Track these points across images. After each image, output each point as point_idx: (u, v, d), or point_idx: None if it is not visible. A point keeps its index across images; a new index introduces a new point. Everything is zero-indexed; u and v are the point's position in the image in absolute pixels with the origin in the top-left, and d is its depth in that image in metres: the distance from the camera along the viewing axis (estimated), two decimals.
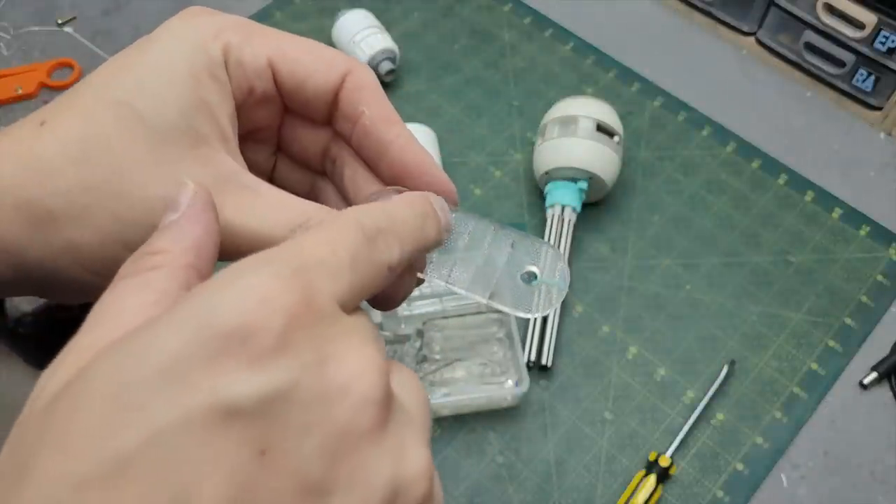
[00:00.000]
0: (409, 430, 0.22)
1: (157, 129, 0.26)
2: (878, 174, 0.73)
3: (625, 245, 0.69)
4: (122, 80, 0.26)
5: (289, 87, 0.29)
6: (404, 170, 0.29)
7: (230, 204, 0.26)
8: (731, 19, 0.79)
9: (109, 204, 0.25)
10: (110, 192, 0.25)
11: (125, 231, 0.26)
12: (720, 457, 0.59)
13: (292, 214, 0.26)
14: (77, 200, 0.25)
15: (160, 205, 0.25)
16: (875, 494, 0.58)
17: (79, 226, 0.26)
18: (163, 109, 0.26)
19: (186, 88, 0.26)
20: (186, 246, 0.23)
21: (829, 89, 0.76)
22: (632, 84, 0.78)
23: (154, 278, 0.22)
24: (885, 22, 0.68)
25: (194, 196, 0.24)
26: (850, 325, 0.65)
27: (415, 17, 0.83)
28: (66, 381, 0.20)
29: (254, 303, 0.19)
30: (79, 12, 0.83)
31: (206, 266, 0.23)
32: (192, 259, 0.23)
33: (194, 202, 0.23)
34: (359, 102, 0.29)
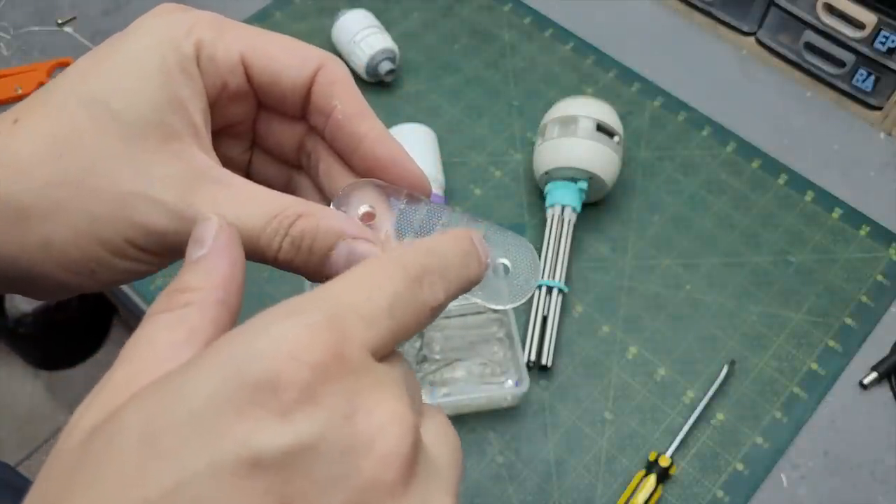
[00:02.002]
0: (436, 483, 0.21)
1: (129, 125, 0.26)
2: (878, 174, 0.73)
3: (625, 245, 0.69)
4: (94, 76, 0.27)
5: (262, 82, 0.29)
6: (377, 163, 0.29)
7: (204, 199, 0.26)
8: (731, 19, 0.79)
9: (82, 200, 0.26)
10: (83, 188, 0.26)
11: (99, 227, 0.26)
12: (720, 457, 0.59)
13: (268, 208, 0.26)
14: (50, 196, 0.25)
15: (132, 200, 0.25)
16: (875, 494, 0.58)
17: (53, 222, 0.26)
18: (134, 105, 0.26)
19: (158, 84, 0.26)
20: (216, 283, 0.23)
21: (829, 89, 0.76)
22: (632, 84, 0.78)
23: (186, 316, 0.22)
24: (885, 22, 0.68)
25: (219, 231, 0.24)
26: (850, 325, 0.64)
27: (415, 17, 0.83)
28: (101, 419, 0.20)
29: (283, 354, 0.19)
30: (79, 12, 0.83)
31: (235, 300, 0.24)
32: (222, 295, 0.23)
33: (219, 237, 0.24)
34: (331, 96, 0.29)
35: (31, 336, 1.36)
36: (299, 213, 0.26)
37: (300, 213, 0.26)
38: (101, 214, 0.26)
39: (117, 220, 0.25)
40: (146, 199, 0.25)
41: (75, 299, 1.37)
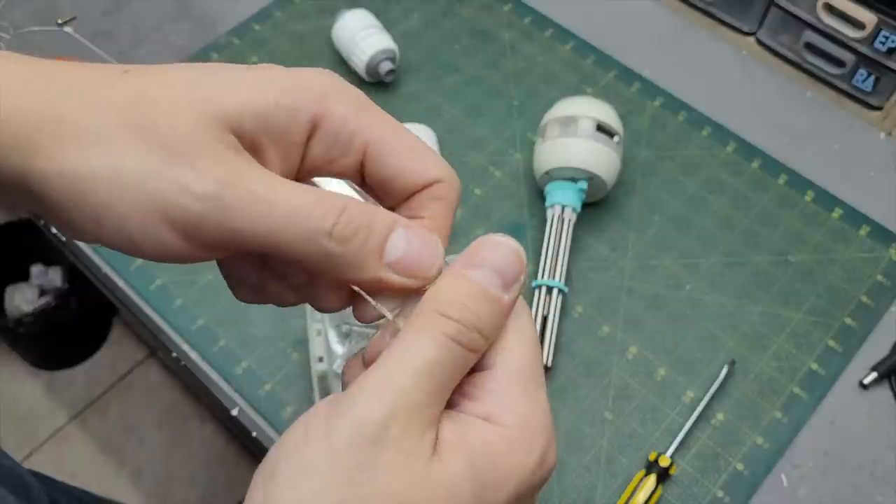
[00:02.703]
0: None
1: (212, 125, 0.25)
2: (878, 174, 0.73)
3: (625, 245, 0.69)
4: (213, 81, 0.27)
5: (374, 171, 0.29)
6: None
7: (248, 183, 0.25)
8: (731, 19, 0.79)
9: (140, 154, 0.25)
10: (142, 144, 0.25)
11: (147, 189, 0.25)
12: (720, 457, 0.59)
13: (319, 195, 0.26)
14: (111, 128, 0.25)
15: (178, 170, 0.25)
16: (875, 494, 0.58)
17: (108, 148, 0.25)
18: (232, 121, 0.26)
19: (250, 115, 0.26)
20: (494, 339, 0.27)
21: (829, 89, 0.76)
22: (632, 84, 0.78)
23: (468, 361, 0.26)
24: (885, 22, 0.68)
25: (520, 284, 0.27)
26: (850, 325, 0.65)
27: (415, 17, 0.83)
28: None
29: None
30: (79, 12, 0.83)
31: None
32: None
33: (516, 288, 0.27)
34: (427, 209, 0.29)
35: (31, 336, 1.36)
36: (351, 200, 0.26)
37: (352, 200, 0.26)
38: (146, 169, 0.25)
39: (156, 179, 0.25)
40: (191, 165, 0.25)
41: (75, 299, 1.37)
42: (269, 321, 0.66)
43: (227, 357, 0.65)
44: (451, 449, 0.25)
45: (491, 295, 0.26)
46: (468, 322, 0.26)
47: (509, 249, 0.27)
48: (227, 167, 0.25)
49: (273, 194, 0.25)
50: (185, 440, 1.38)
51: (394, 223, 0.27)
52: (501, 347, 0.27)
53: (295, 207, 0.25)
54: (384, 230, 0.27)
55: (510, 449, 0.25)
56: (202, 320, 0.66)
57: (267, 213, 0.25)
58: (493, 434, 0.25)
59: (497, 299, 0.26)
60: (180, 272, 0.69)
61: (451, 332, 0.25)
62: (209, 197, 0.24)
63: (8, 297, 1.37)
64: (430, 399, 0.25)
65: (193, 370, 0.65)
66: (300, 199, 0.25)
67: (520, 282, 0.27)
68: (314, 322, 0.61)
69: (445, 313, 0.26)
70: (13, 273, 1.36)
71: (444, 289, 0.26)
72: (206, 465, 1.36)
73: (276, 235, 0.25)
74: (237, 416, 0.63)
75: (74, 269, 1.11)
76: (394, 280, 0.27)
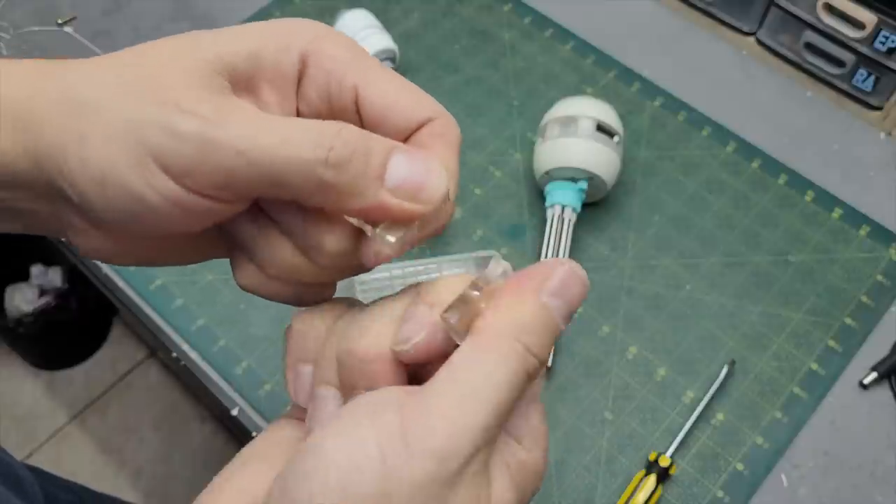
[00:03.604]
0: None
1: (205, 69, 0.26)
2: (878, 174, 0.73)
3: (625, 245, 0.69)
4: (208, 35, 0.28)
5: (369, 113, 0.29)
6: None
7: (238, 118, 0.25)
8: (731, 19, 0.79)
9: (126, 99, 0.26)
10: (130, 90, 0.26)
11: (131, 130, 0.25)
12: (720, 457, 0.59)
13: (314, 123, 0.26)
14: (101, 84, 0.26)
15: (166, 107, 0.25)
16: (875, 494, 0.58)
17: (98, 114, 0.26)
18: (231, 64, 0.27)
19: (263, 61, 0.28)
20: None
21: (829, 89, 0.76)
22: (632, 84, 0.78)
23: (525, 389, 0.26)
24: (885, 22, 0.68)
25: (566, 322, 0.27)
26: (850, 325, 0.65)
27: (415, 17, 0.83)
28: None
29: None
30: (79, 12, 0.83)
31: None
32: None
33: (565, 324, 0.27)
34: (429, 147, 0.29)
35: (31, 336, 1.36)
36: (346, 125, 0.26)
37: (347, 125, 0.26)
38: (138, 117, 0.25)
39: (147, 126, 0.25)
40: (178, 108, 0.25)
41: (75, 299, 1.37)
42: (269, 321, 0.66)
43: (227, 357, 0.65)
44: (498, 471, 0.25)
45: (557, 325, 0.26)
46: (543, 357, 0.25)
47: (582, 281, 0.27)
48: (214, 107, 0.25)
49: (261, 128, 0.25)
50: (185, 440, 1.38)
51: (394, 148, 0.26)
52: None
53: (285, 138, 0.25)
54: (383, 154, 0.26)
55: (535, 473, 0.27)
56: (202, 320, 0.66)
57: (254, 146, 0.24)
58: (526, 457, 0.26)
59: (554, 328, 0.26)
60: (180, 272, 0.69)
61: (528, 364, 0.25)
62: (195, 136, 0.24)
63: (8, 297, 1.37)
64: (499, 427, 0.25)
65: (193, 370, 0.65)
66: (290, 129, 0.25)
67: (572, 315, 0.27)
68: None
69: (529, 347, 0.25)
70: (13, 273, 1.36)
71: (527, 317, 0.25)
72: (206, 465, 1.36)
73: (267, 170, 0.25)
74: (237, 416, 0.63)
75: (74, 269, 1.11)
76: (396, 205, 0.26)
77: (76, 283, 1.37)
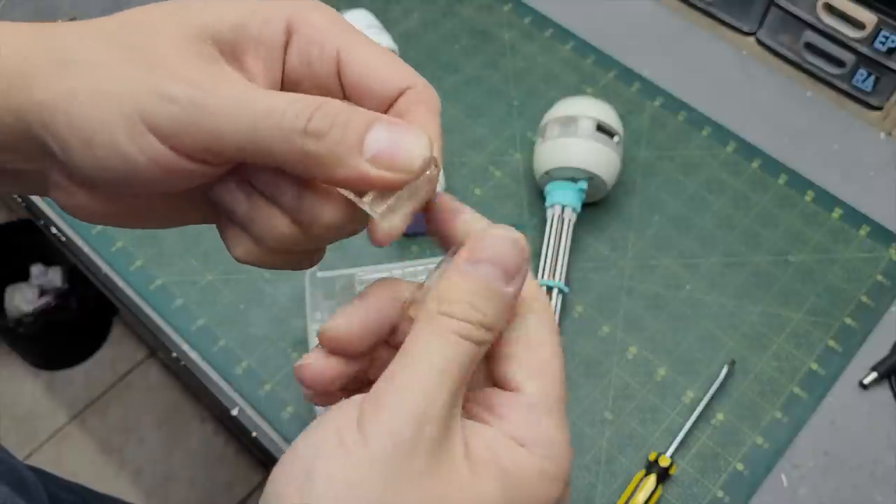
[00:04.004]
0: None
1: (194, 36, 0.27)
2: (878, 174, 0.73)
3: (625, 245, 0.69)
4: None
5: (350, 81, 0.30)
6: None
7: (225, 86, 0.26)
8: (731, 19, 0.79)
9: (120, 60, 0.27)
10: (122, 51, 0.27)
11: (122, 91, 0.26)
12: (720, 457, 0.59)
13: (293, 97, 0.26)
14: (91, 47, 0.27)
15: (157, 73, 0.26)
16: (875, 494, 0.58)
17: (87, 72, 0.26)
18: (218, 31, 0.28)
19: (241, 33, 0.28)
20: (500, 332, 0.27)
21: (829, 89, 0.76)
22: (632, 84, 0.78)
23: (478, 354, 0.26)
24: (885, 22, 0.68)
25: (523, 275, 0.27)
26: (850, 325, 0.65)
27: (415, 17, 0.83)
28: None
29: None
30: (79, 12, 0.83)
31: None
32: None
33: (519, 280, 0.27)
34: (410, 115, 0.29)
35: (31, 336, 1.36)
36: (328, 99, 0.27)
37: (329, 99, 0.27)
38: (129, 79, 0.26)
39: (138, 89, 0.26)
40: (169, 73, 0.26)
41: (75, 299, 1.37)
42: (269, 321, 0.66)
43: (227, 357, 0.65)
44: (485, 467, 0.25)
45: (494, 289, 0.26)
46: (474, 319, 0.26)
47: (509, 241, 0.27)
48: (202, 73, 0.26)
49: (247, 96, 0.26)
50: (185, 440, 1.38)
51: (374, 119, 0.27)
52: (535, 370, 0.28)
53: (269, 107, 0.26)
54: (362, 124, 0.27)
55: (539, 479, 0.26)
56: (202, 320, 0.66)
57: (241, 114, 0.25)
58: (525, 460, 0.26)
59: (500, 293, 0.27)
60: (180, 272, 0.69)
61: (461, 331, 0.26)
62: (185, 100, 0.25)
63: (8, 297, 1.37)
64: (453, 398, 0.25)
65: (193, 370, 0.65)
66: (274, 100, 0.26)
67: (522, 272, 0.27)
68: (314, 322, 0.61)
69: (451, 313, 0.26)
70: (13, 273, 1.36)
71: (447, 288, 0.27)
72: (206, 465, 1.36)
73: (253, 136, 0.25)
74: (237, 416, 0.63)
75: (74, 269, 1.11)
76: (377, 175, 0.27)
77: (76, 283, 1.36)
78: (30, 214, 0.75)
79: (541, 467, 0.26)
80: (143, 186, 0.27)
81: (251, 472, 1.32)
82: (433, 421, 0.24)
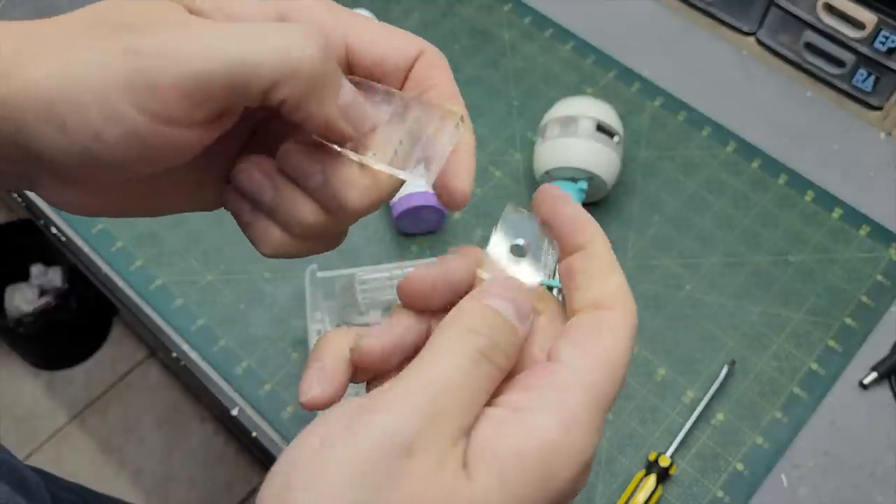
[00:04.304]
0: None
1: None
2: (878, 174, 0.73)
3: (625, 245, 0.69)
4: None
5: (364, 64, 0.30)
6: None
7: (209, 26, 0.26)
8: (731, 19, 0.79)
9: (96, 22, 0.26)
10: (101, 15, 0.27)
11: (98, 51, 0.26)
12: (720, 457, 0.59)
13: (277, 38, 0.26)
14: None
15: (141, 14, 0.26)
16: (875, 494, 0.58)
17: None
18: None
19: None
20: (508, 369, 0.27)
21: (829, 89, 0.76)
22: (632, 84, 0.78)
23: (496, 381, 0.26)
24: (885, 22, 0.68)
25: (530, 320, 0.27)
26: (850, 325, 0.65)
27: (415, 17, 0.83)
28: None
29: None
30: None
31: None
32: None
33: (527, 324, 0.27)
34: (428, 79, 0.31)
35: (31, 336, 1.36)
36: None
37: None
38: (92, 47, 0.25)
39: (107, 49, 0.25)
40: (134, 27, 0.26)
41: (75, 299, 1.37)
42: (269, 321, 0.66)
43: (227, 357, 0.65)
44: (479, 460, 0.24)
45: (510, 322, 0.27)
46: (495, 340, 0.26)
47: (520, 287, 0.28)
48: (172, 23, 0.26)
49: (224, 27, 0.26)
50: (185, 440, 1.38)
51: (340, 73, 0.28)
52: (577, 347, 0.26)
53: (260, 30, 0.26)
54: (338, 70, 0.27)
55: (547, 453, 0.24)
56: (202, 320, 0.66)
57: (222, 40, 0.25)
58: (529, 437, 0.24)
59: (514, 328, 0.27)
60: (180, 272, 0.69)
61: (482, 348, 0.25)
62: (152, 50, 0.25)
63: (8, 297, 1.37)
64: (462, 411, 0.24)
65: (193, 370, 0.65)
66: (264, 25, 0.26)
67: (531, 318, 0.27)
68: (314, 322, 0.61)
69: (476, 329, 0.26)
70: (13, 273, 1.36)
71: (470, 309, 0.27)
72: (206, 465, 1.36)
73: (240, 62, 0.25)
74: (237, 416, 0.63)
75: (74, 269, 1.11)
76: (340, 123, 0.28)
77: (76, 283, 1.36)
78: (30, 214, 0.75)
79: (549, 441, 0.24)
80: (123, 168, 0.26)
81: (251, 472, 1.32)
82: (434, 428, 0.23)
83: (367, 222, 0.69)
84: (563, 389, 0.25)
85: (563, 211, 0.30)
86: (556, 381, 0.25)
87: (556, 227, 0.30)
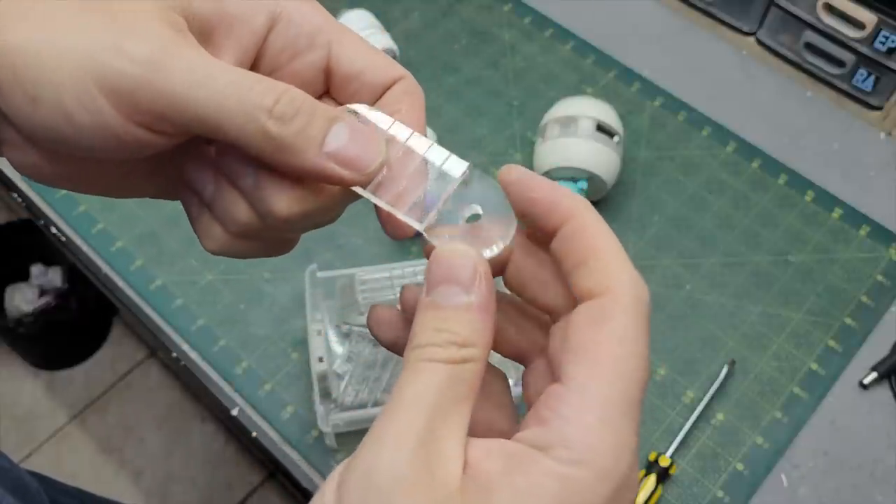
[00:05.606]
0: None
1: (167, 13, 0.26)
2: (878, 174, 0.73)
3: (625, 245, 0.68)
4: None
5: (341, 73, 0.30)
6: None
7: (184, 55, 0.26)
8: (731, 19, 0.79)
9: (76, 21, 0.25)
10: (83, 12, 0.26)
11: (79, 53, 0.25)
12: (720, 457, 0.59)
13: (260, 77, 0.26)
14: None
15: (118, 32, 0.25)
16: (875, 494, 0.58)
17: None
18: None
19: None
20: (486, 342, 0.25)
21: (829, 89, 0.76)
22: (632, 84, 0.78)
23: (465, 374, 0.24)
24: (885, 22, 0.68)
25: (482, 277, 0.25)
26: (850, 325, 0.65)
27: (415, 17, 0.83)
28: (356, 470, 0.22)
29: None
30: None
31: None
32: (487, 356, 0.25)
33: (481, 285, 0.25)
34: (397, 104, 0.30)
35: (31, 336, 1.36)
36: (293, 87, 0.26)
37: (294, 87, 0.26)
38: (86, 31, 0.25)
39: (96, 46, 0.25)
40: (130, 32, 0.25)
41: (75, 299, 1.37)
42: (269, 321, 0.66)
43: (227, 357, 0.65)
44: (479, 485, 0.22)
45: (450, 305, 0.25)
46: (437, 340, 0.24)
47: (451, 255, 0.26)
48: (167, 38, 0.25)
49: (212, 67, 0.25)
50: (185, 440, 1.38)
51: (336, 116, 0.27)
52: (587, 357, 0.24)
53: (235, 81, 0.25)
54: (326, 119, 0.27)
55: (562, 490, 0.22)
56: (202, 320, 0.66)
57: (204, 83, 0.25)
58: (538, 470, 0.22)
59: (459, 305, 0.25)
60: (180, 272, 0.69)
61: (426, 356, 0.24)
62: (145, 60, 0.24)
63: (8, 297, 1.37)
64: (434, 426, 0.23)
65: (193, 370, 0.65)
66: (242, 75, 0.26)
67: (479, 275, 0.25)
68: (314, 322, 0.61)
69: (416, 344, 0.25)
70: (13, 273, 1.36)
71: (415, 326, 0.25)
72: (206, 465, 1.36)
73: (215, 108, 0.25)
74: (237, 416, 0.63)
75: (74, 269, 1.11)
76: (333, 170, 0.27)
77: (76, 283, 1.36)
78: (30, 214, 0.75)
79: (564, 474, 0.22)
80: (90, 151, 0.26)
81: (251, 472, 1.32)
82: (409, 458, 0.22)
83: (366, 222, 0.69)
84: (574, 420, 0.23)
85: (540, 187, 0.29)
86: (566, 413, 0.23)
87: (531, 206, 0.28)
